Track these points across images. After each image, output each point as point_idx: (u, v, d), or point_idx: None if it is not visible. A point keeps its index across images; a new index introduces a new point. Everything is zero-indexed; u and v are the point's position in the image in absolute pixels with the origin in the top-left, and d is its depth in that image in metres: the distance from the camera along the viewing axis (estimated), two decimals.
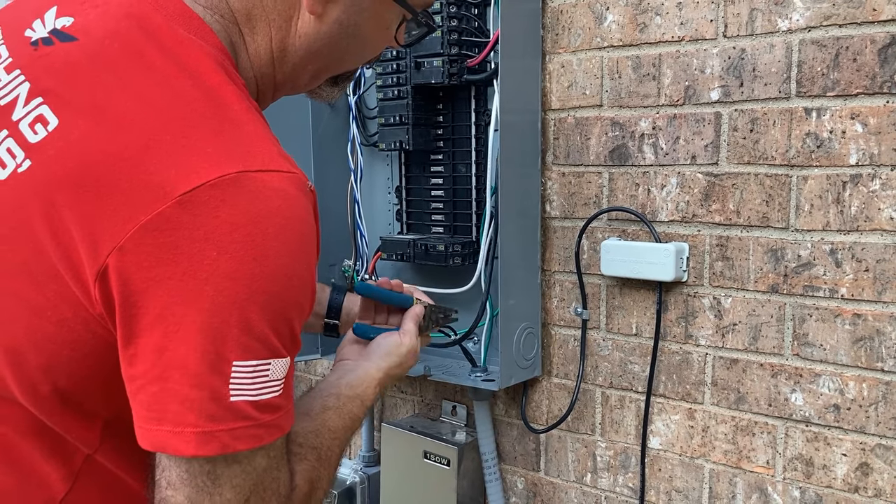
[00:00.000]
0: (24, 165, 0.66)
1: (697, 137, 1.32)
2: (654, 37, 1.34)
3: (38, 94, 0.68)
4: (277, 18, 0.77)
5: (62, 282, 0.64)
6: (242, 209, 0.62)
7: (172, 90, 0.66)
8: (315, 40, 0.78)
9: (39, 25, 0.72)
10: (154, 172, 0.62)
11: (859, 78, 1.16)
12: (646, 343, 1.40)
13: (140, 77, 0.67)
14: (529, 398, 1.56)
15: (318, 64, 0.81)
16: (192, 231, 0.61)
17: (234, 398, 0.63)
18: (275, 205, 0.64)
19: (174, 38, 0.70)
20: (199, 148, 0.63)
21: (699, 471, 1.37)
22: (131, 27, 0.70)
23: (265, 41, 0.78)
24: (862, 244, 1.18)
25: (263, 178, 0.64)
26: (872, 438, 1.20)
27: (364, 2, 0.78)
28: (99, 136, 0.64)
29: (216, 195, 0.61)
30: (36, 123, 0.67)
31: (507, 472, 1.61)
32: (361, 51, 0.84)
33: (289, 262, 0.65)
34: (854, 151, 1.18)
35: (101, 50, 0.68)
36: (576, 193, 1.46)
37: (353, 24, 0.78)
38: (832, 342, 1.22)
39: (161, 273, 0.61)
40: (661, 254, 1.33)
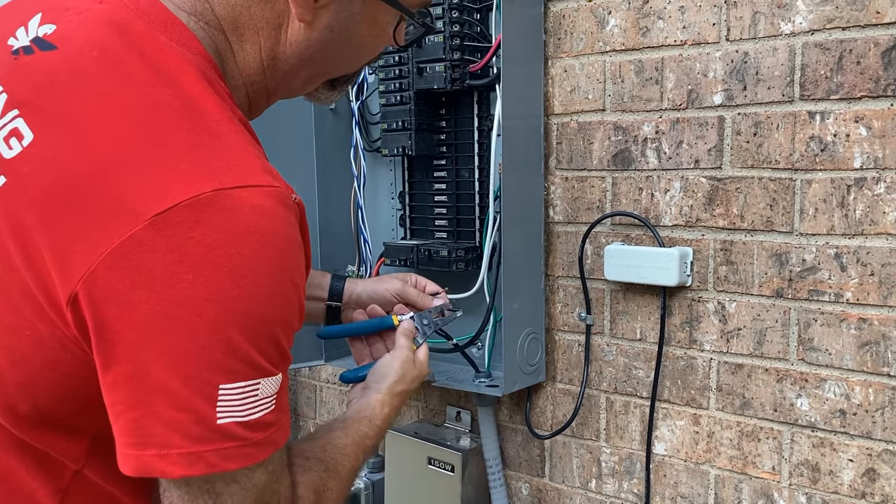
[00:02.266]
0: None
1: (701, 141, 1.31)
2: (656, 41, 1.34)
3: (14, 107, 0.66)
4: (266, 27, 0.75)
5: (36, 302, 0.62)
6: (217, 229, 0.60)
7: (150, 100, 0.64)
8: (306, 48, 0.77)
9: (22, 33, 0.71)
10: (126, 191, 0.60)
11: (863, 81, 1.16)
12: (650, 348, 1.39)
13: (117, 87, 0.65)
14: (534, 404, 1.55)
15: (312, 70, 0.80)
16: (165, 254, 0.59)
17: (221, 420, 0.62)
18: (252, 222, 0.61)
19: (155, 46, 0.68)
20: (173, 165, 0.61)
21: (704, 476, 1.36)
22: (111, 34, 0.68)
23: (254, 49, 0.76)
24: (867, 248, 1.17)
25: (240, 194, 0.62)
26: (879, 444, 1.19)
27: (355, 6, 0.76)
28: (72, 152, 0.62)
29: (190, 216, 0.59)
30: (11, 138, 0.65)
31: (511, 479, 1.61)
32: (357, 55, 0.83)
33: (269, 281, 0.63)
34: (858, 155, 1.17)
35: (79, 59, 0.67)
36: (579, 198, 1.46)
37: (345, 29, 0.77)
38: (838, 347, 1.21)
39: (135, 298, 0.59)
40: (664, 258, 1.32)
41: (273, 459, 0.67)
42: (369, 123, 1.68)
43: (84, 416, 0.68)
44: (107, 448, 0.68)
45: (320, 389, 2.00)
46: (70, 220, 0.60)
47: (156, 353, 0.60)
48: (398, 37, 0.82)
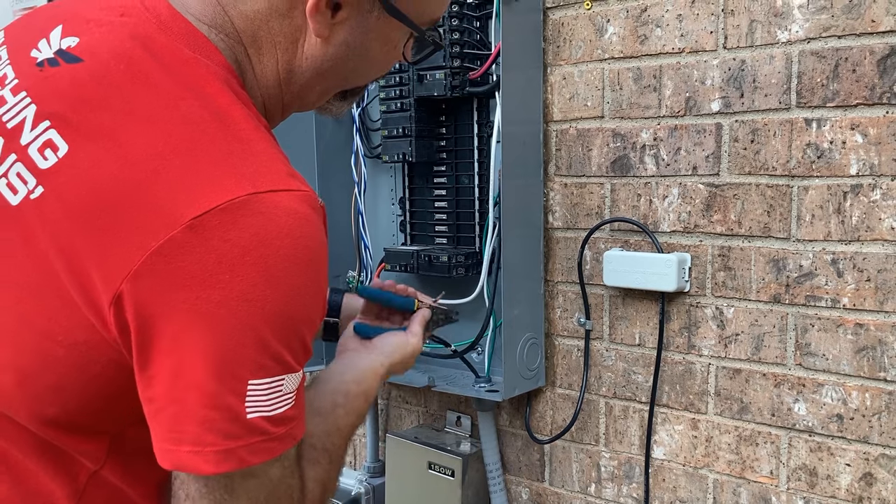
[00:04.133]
0: (36, 192, 0.66)
1: (699, 148, 1.32)
2: (654, 48, 1.35)
3: (45, 118, 0.68)
4: (283, 41, 0.76)
5: (75, 307, 0.64)
6: (253, 232, 0.62)
7: (180, 112, 0.66)
8: (322, 62, 0.78)
9: (45, 45, 0.72)
10: (164, 198, 0.62)
11: (859, 89, 1.17)
12: (649, 353, 1.40)
13: (147, 99, 0.67)
14: (533, 409, 1.56)
15: (326, 84, 0.82)
16: (203, 255, 0.61)
17: (250, 415, 0.64)
18: (285, 225, 0.64)
19: (180, 59, 0.70)
20: (207, 171, 0.64)
21: (703, 481, 1.37)
22: (136, 47, 0.70)
23: (272, 63, 0.77)
24: (863, 254, 1.18)
25: (273, 198, 0.64)
26: (876, 448, 1.20)
27: (370, 23, 0.77)
28: (108, 162, 0.64)
29: (226, 219, 0.62)
30: (45, 149, 0.67)
31: (511, 483, 1.62)
32: (369, 69, 0.84)
33: (301, 281, 0.66)
34: (854, 162, 1.18)
35: (106, 72, 0.68)
36: (578, 204, 1.47)
37: (360, 45, 0.78)
38: (835, 352, 1.22)
39: (175, 298, 0.61)
40: (663, 264, 1.33)
41: (289, 454, 0.70)
42: (370, 130, 1.69)
43: (106, 418, 0.70)
44: (124, 448, 0.70)
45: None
46: (110, 226, 0.63)
47: (193, 351, 0.62)
48: (407, 52, 0.84)
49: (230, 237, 0.62)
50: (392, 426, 1.81)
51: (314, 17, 0.74)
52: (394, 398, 1.81)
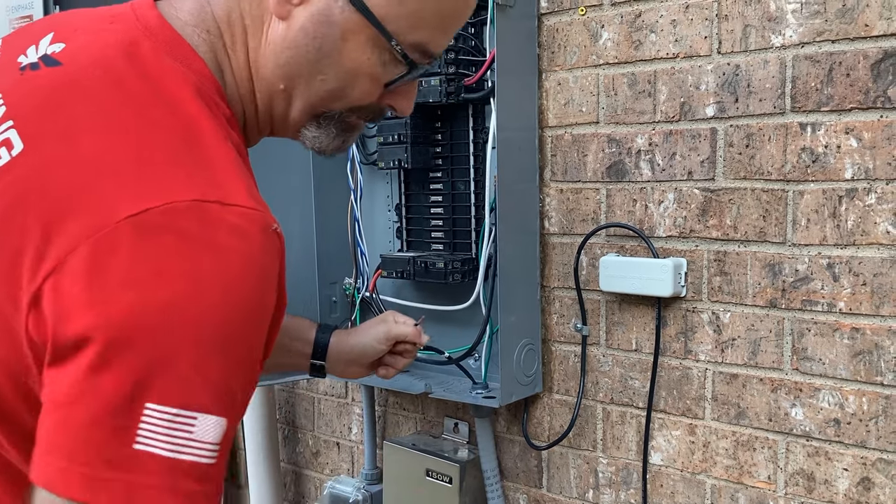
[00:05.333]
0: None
1: (694, 153, 1.32)
2: (649, 54, 1.35)
3: (9, 118, 0.66)
4: (251, 24, 0.73)
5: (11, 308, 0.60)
6: (189, 238, 0.58)
7: (147, 119, 0.64)
8: (282, 49, 0.73)
9: (32, 51, 0.71)
10: (107, 197, 0.59)
11: (853, 93, 1.17)
12: (646, 358, 1.40)
13: (116, 105, 0.65)
14: (531, 415, 1.56)
15: (288, 82, 0.75)
16: (130, 255, 0.57)
17: (139, 446, 0.55)
18: (226, 239, 0.59)
19: (158, 66, 0.68)
20: (157, 174, 0.60)
21: (701, 486, 1.37)
22: (117, 54, 0.68)
23: (242, 52, 0.74)
24: (859, 258, 1.18)
25: (220, 210, 0.60)
26: (873, 453, 1.19)
27: (333, 14, 0.71)
28: (62, 164, 0.62)
29: (163, 221, 0.57)
30: (1, 147, 0.64)
31: (509, 489, 1.61)
32: (337, 78, 0.74)
33: (235, 302, 0.59)
34: (849, 166, 1.18)
35: (81, 76, 0.67)
36: (574, 210, 1.47)
37: (322, 35, 0.72)
38: (831, 356, 1.22)
39: (93, 297, 0.56)
40: (659, 269, 1.33)
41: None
42: (366, 137, 1.69)
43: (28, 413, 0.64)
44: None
45: (318, 402, 2.00)
46: (50, 227, 0.59)
47: (95, 357, 0.56)
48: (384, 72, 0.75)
49: (164, 240, 0.57)
50: (389, 433, 1.81)
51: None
52: (391, 405, 1.80)
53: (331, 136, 0.80)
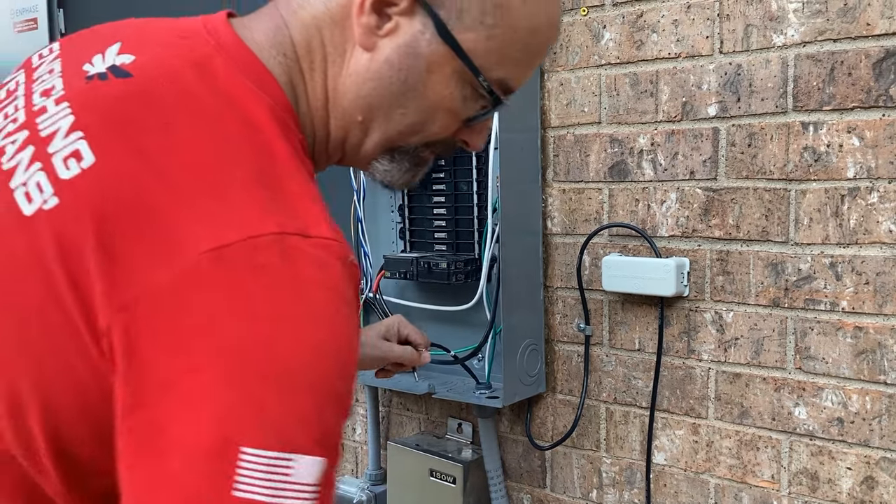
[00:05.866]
0: (50, 202, 0.61)
1: (696, 153, 1.32)
2: (650, 54, 1.36)
3: (78, 129, 0.63)
4: (333, 52, 0.71)
5: (74, 327, 0.58)
6: (273, 274, 0.56)
7: (220, 137, 0.62)
8: (364, 80, 0.71)
9: (99, 60, 0.69)
10: (183, 225, 0.56)
11: (855, 92, 1.17)
12: (649, 358, 1.40)
13: (188, 120, 0.63)
14: (534, 415, 1.56)
15: (367, 114, 0.72)
16: (212, 293, 0.54)
17: (238, 493, 0.52)
18: (310, 273, 0.57)
19: (232, 84, 0.66)
20: (236, 203, 0.58)
21: (704, 486, 1.37)
22: (189, 68, 0.66)
23: (321, 80, 0.72)
24: (861, 257, 1.18)
25: (301, 242, 0.57)
26: (877, 452, 1.19)
27: (420, 46, 0.69)
28: (134, 179, 0.59)
29: (244, 256, 0.55)
30: (70, 158, 0.61)
31: (513, 490, 1.61)
32: (417, 111, 0.72)
33: (323, 337, 0.57)
34: (851, 165, 1.18)
35: (152, 88, 0.65)
36: (576, 210, 1.47)
37: (406, 69, 0.70)
38: (834, 355, 1.22)
39: (172, 338, 0.54)
40: (661, 269, 1.33)
41: None
42: None
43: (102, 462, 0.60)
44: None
45: None
46: (122, 247, 0.57)
47: (182, 400, 0.53)
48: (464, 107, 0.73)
49: (247, 276, 0.55)
50: (393, 433, 1.81)
51: (359, 21, 0.69)
52: (395, 405, 1.81)
53: (402, 170, 0.77)
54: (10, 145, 0.65)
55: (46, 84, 0.69)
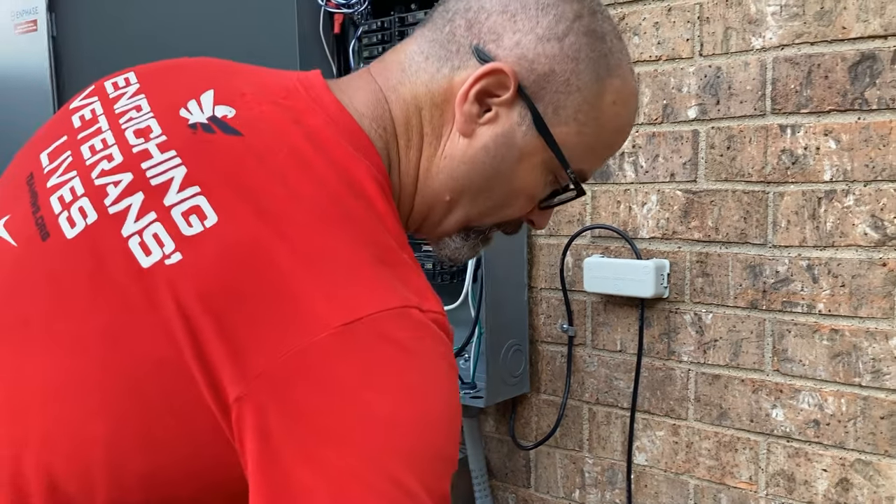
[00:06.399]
0: (172, 258, 0.60)
1: (676, 155, 1.33)
2: (632, 56, 1.36)
3: (195, 183, 0.63)
4: (430, 132, 0.74)
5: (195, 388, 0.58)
6: (404, 348, 0.58)
7: (343, 209, 0.63)
8: (459, 163, 0.73)
9: (196, 108, 0.68)
10: (314, 297, 0.57)
11: (831, 95, 1.17)
12: (630, 359, 1.41)
13: (310, 189, 0.63)
14: (518, 415, 1.57)
15: (455, 195, 0.75)
16: (348, 366, 0.56)
17: None
18: (433, 347, 0.60)
19: (343, 155, 0.67)
20: (362, 276, 0.59)
21: (684, 487, 1.37)
22: (299, 135, 0.66)
23: (415, 157, 0.74)
24: (838, 259, 1.19)
25: (421, 316, 0.60)
26: (852, 454, 1.19)
27: (516, 137, 0.72)
28: (259, 243, 0.59)
29: (377, 329, 0.57)
30: (191, 214, 0.61)
31: (498, 489, 1.62)
32: (504, 195, 0.75)
33: (446, 409, 0.60)
34: (828, 167, 1.18)
35: (268, 152, 0.64)
36: (560, 211, 1.48)
37: (500, 156, 0.72)
38: (811, 358, 1.22)
39: (309, 408, 0.55)
40: (640, 271, 1.34)
41: None
42: None
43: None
44: None
45: None
46: (249, 315, 0.57)
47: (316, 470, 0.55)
48: (542, 192, 0.77)
49: (380, 350, 0.57)
50: None
51: (461, 109, 0.71)
52: None
53: (471, 247, 0.80)
54: (111, 186, 0.64)
55: (139, 123, 0.68)
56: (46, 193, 0.68)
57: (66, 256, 0.63)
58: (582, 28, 0.72)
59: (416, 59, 0.73)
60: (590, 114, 0.73)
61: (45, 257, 0.64)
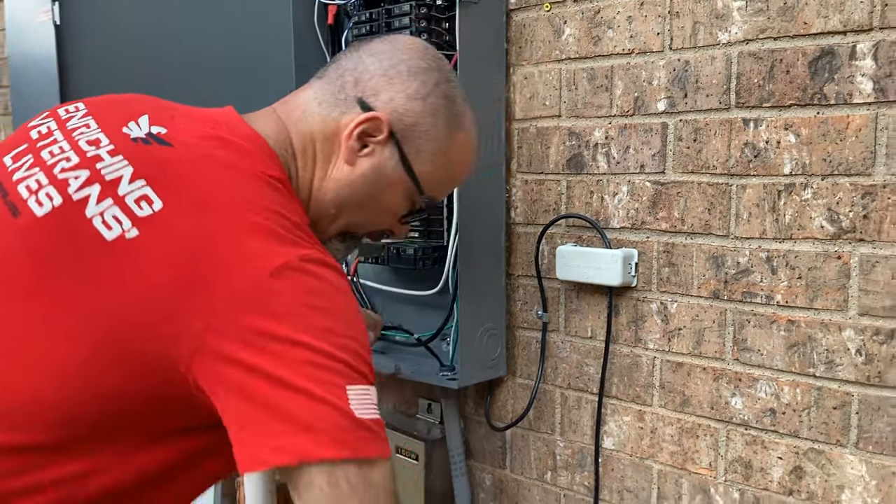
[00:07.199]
0: (131, 233, 0.78)
1: (646, 147, 1.36)
2: (606, 49, 1.39)
3: (141, 177, 0.82)
4: (321, 159, 0.96)
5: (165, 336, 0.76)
6: (324, 278, 0.80)
7: (263, 195, 0.83)
8: (343, 185, 0.96)
9: (135, 127, 0.88)
10: (250, 254, 0.78)
11: (792, 90, 1.19)
12: (600, 346, 1.44)
13: (231, 180, 0.83)
14: (495, 397, 1.62)
15: (339, 209, 0.98)
16: (290, 293, 0.77)
17: (358, 415, 0.75)
18: (337, 279, 0.83)
19: (256, 159, 0.88)
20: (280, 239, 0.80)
21: (648, 471, 1.41)
22: (219, 145, 0.87)
23: (309, 176, 0.96)
24: (795, 252, 1.21)
25: (321, 257, 0.82)
26: (805, 443, 1.22)
27: (387, 168, 0.97)
28: (200, 220, 0.79)
29: (301, 268, 0.79)
30: (142, 200, 0.80)
31: (476, 469, 1.67)
32: (374, 211, 1.00)
33: (357, 314, 0.83)
34: (788, 161, 1.20)
35: (195, 156, 0.85)
36: (537, 200, 1.51)
37: (374, 182, 0.97)
38: (769, 348, 1.24)
39: (271, 328, 0.75)
40: (609, 259, 1.37)
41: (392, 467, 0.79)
42: None
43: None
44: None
45: None
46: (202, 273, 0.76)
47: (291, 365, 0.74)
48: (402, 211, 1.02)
49: (309, 280, 0.79)
50: None
51: (346, 143, 0.95)
52: None
53: (347, 248, 1.06)
54: (73, 179, 0.83)
55: (90, 136, 0.88)
56: (13, 184, 0.85)
57: (38, 231, 0.80)
58: (440, 92, 0.98)
59: (312, 103, 0.97)
60: (442, 157, 1.00)
61: (17, 231, 0.81)
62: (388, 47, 0.99)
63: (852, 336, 1.16)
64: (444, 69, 1.01)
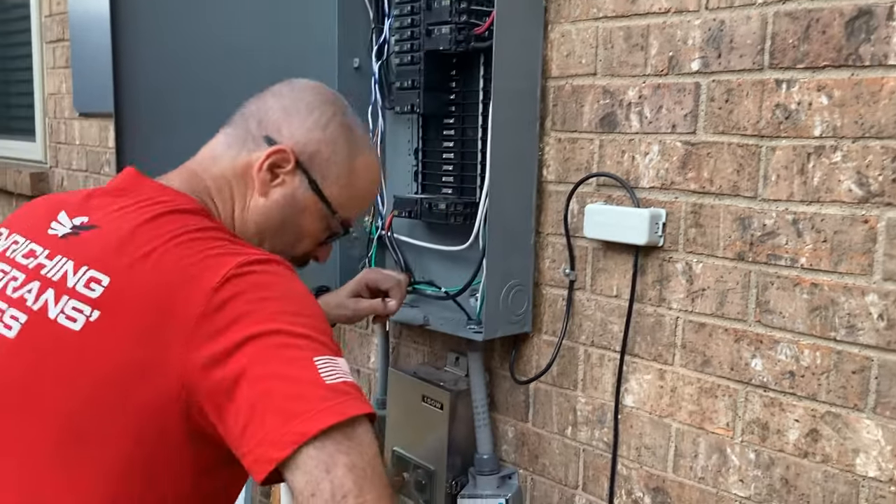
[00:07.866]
0: (93, 315, 0.89)
1: (678, 107, 1.35)
2: (643, 8, 1.39)
3: (83, 264, 0.93)
4: (237, 195, 1.10)
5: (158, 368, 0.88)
6: (272, 273, 0.94)
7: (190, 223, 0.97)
8: (260, 215, 1.11)
9: (58, 225, 1.00)
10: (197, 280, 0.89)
11: (827, 50, 1.18)
12: (624, 304, 1.46)
13: (158, 227, 0.95)
14: (520, 353, 1.64)
15: (262, 235, 1.11)
16: (237, 299, 0.88)
17: (329, 381, 0.85)
18: (282, 270, 0.96)
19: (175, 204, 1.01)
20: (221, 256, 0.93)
21: (666, 429, 1.42)
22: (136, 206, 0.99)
23: (230, 212, 1.10)
24: (822, 215, 1.20)
25: (269, 258, 0.97)
26: (823, 406, 1.22)
27: (298, 194, 1.11)
28: (146, 279, 0.91)
29: (250, 269, 0.91)
30: (91, 283, 0.91)
31: (499, 421, 1.71)
32: (294, 236, 1.15)
33: (309, 296, 0.96)
34: (818, 123, 1.19)
35: (121, 225, 0.96)
36: (570, 159, 1.52)
37: (289, 208, 1.11)
38: (791, 310, 1.24)
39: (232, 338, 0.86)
40: (636, 218, 1.38)
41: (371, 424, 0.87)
42: (392, 84, 1.78)
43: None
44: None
45: (343, 331, 2.14)
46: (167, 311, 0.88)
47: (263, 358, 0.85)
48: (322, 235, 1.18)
49: (261, 277, 0.92)
50: (401, 364, 1.93)
51: (258, 177, 1.09)
52: (404, 337, 1.92)
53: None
54: (27, 293, 0.94)
55: (23, 250, 0.99)
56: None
57: (17, 352, 0.92)
58: (338, 122, 1.13)
59: (221, 148, 1.12)
60: (346, 179, 1.14)
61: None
62: (288, 89, 1.14)
63: (875, 301, 1.16)
64: (340, 103, 1.16)
